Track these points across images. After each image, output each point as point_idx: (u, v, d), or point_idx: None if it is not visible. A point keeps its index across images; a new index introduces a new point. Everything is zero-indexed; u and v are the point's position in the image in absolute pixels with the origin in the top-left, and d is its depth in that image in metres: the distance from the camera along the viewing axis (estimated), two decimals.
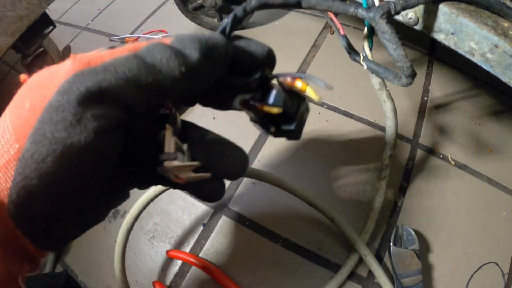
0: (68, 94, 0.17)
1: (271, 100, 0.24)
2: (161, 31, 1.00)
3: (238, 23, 0.25)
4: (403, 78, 0.37)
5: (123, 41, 1.00)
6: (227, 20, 0.24)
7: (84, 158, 0.18)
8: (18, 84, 0.20)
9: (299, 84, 0.23)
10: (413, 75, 0.36)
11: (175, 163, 0.22)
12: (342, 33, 0.49)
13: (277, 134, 0.25)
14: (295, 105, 0.24)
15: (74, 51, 0.88)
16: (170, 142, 0.23)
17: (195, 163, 0.23)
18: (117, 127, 0.19)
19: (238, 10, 0.25)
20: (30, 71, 0.80)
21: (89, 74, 0.18)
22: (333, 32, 0.82)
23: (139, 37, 0.99)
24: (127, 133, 0.22)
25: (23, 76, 0.21)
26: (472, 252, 0.62)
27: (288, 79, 0.23)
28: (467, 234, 0.64)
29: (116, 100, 0.18)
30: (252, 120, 0.26)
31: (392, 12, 0.36)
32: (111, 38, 1.02)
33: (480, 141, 0.73)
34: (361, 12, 0.36)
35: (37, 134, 0.17)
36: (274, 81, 0.24)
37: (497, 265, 0.62)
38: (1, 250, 0.21)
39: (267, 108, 0.23)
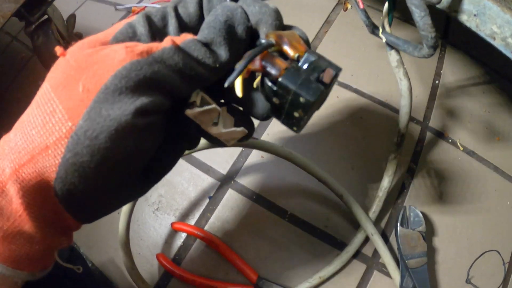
0: (126, 80, 0.19)
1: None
2: (169, 0, 0.98)
3: None
4: (424, 49, 0.36)
5: (129, 11, 0.97)
6: None
7: (134, 135, 0.20)
8: (54, 57, 0.22)
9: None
10: (435, 46, 0.36)
11: (196, 109, 0.23)
12: (361, 6, 0.48)
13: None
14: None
15: (79, 21, 0.86)
16: (195, 95, 0.24)
17: (211, 106, 0.23)
18: (162, 111, 0.21)
19: None
20: (33, 39, 0.77)
21: (145, 64, 0.19)
22: (346, 9, 0.81)
23: (146, 6, 0.96)
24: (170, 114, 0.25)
25: (59, 50, 0.22)
26: (475, 239, 0.63)
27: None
28: (471, 221, 0.64)
29: (164, 88, 0.20)
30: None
31: None
32: (117, 7, 0.99)
33: (489, 128, 0.73)
34: None
35: (92, 112, 0.19)
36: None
37: (499, 253, 0.63)
38: (44, 226, 0.22)
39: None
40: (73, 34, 0.84)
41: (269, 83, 0.23)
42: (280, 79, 0.22)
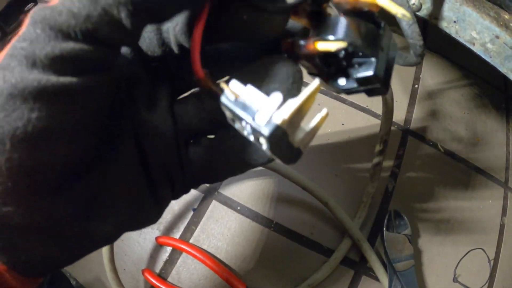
0: (23, 35, 0.14)
1: (327, 33, 0.16)
2: None
3: None
4: (411, 57, 0.36)
5: None
6: None
7: (37, 109, 0.13)
8: None
9: None
10: (423, 55, 0.36)
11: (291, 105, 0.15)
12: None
13: (350, 89, 0.17)
14: (370, 35, 0.16)
15: None
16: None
17: (316, 84, 0.16)
18: (83, 70, 0.14)
19: None
20: None
21: (44, 8, 0.14)
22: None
23: None
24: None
25: None
26: (460, 238, 0.64)
27: None
28: (455, 221, 0.65)
29: (71, 32, 0.14)
30: (310, 73, 0.18)
31: None
32: None
33: (468, 130, 0.75)
34: None
35: None
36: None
37: (484, 251, 0.64)
38: None
39: (322, 46, 0.16)
40: None
41: None
42: None
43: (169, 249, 0.59)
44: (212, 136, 0.20)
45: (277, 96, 0.14)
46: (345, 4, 0.15)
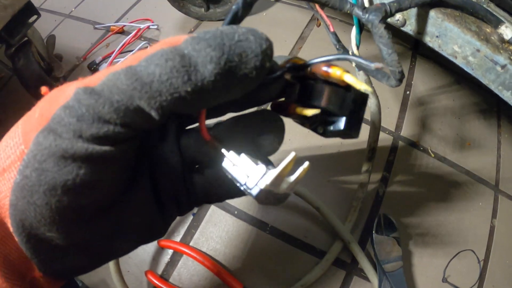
0: (70, 110, 0.17)
1: (308, 97, 0.20)
2: (147, 19, 0.99)
3: (249, 7, 0.20)
4: (391, 80, 0.38)
5: (108, 30, 0.98)
6: (236, 5, 0.20)
7: (84, 167, 0.17)
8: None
9: (336, 72, 0.18)
10: (401, 79, 0.38)
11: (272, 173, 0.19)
12: (331, 30, 0.50)
13: (327, 135, 0.21)
14: (341, 99, 0.20)
15: (59, 40, 0.87)
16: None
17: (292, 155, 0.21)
18: (118, 142, 0.18)
19: None
20: (14, 61, 0.77)
21: (88, 93, 0.17)
22: (319, 25, 0.83)
23: (124, 25, 0.98)
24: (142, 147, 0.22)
25: (44, 89, 0.21)
26: (450, 240, 0.65)
27: (323, 69, 0.19)
28: (445, 223, 0.67)
29: (111, 121, 0.17)
30: (296, 122, 0.22)
31: (388, 14, 0.37)
32: (96, 26, 1.00)
33: (459, 134, 0.76)
34: (357, 12, 0.37)
35: (41, 137, 0.18)
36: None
37: (473, 252, 0.65)
38: (6, 271, 0.19)
39: (300, 111, 0.20)
40: (53, 55, 0.84)
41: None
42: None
43: (170, 251, 0.61)
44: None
45: (262, 167, 0.19)
46: (320, 76, 0.19)
